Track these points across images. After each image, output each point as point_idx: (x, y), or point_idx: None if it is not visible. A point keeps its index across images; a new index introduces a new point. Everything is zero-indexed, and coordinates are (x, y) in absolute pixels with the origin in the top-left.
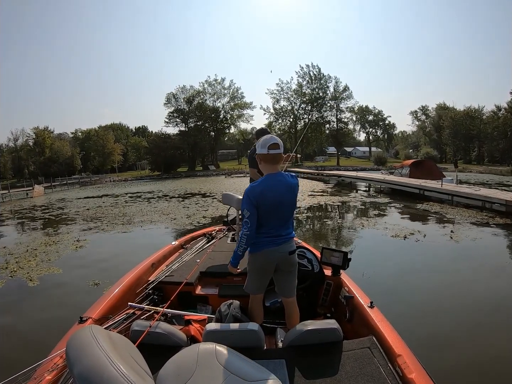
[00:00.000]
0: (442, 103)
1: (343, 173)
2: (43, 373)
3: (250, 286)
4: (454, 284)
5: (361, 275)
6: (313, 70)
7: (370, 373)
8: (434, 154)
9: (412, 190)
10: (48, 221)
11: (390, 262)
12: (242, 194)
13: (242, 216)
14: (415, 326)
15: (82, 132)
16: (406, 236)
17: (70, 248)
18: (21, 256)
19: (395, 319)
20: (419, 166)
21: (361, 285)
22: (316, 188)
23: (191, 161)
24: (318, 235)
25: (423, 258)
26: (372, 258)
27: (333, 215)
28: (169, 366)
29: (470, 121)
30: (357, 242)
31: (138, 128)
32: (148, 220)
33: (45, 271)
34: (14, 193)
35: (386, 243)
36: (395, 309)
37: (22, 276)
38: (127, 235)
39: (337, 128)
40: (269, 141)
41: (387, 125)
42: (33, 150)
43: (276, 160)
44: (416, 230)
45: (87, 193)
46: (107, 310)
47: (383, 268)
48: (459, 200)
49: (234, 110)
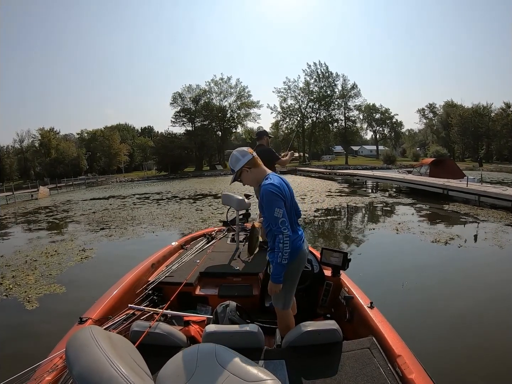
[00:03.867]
0: (450, 100)
1: (358, 172)
2: (43, 374)
3: (288, 300)
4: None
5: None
6: (321, 68)
7: (370, 373)
8: (444, 152)
9: (434, 190)
10: (52, 225)
11: (442, 274)
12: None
13: (273, 218)
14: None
15: (88, 133)
16: (447, 241)
17: (75, 259)
18: (18, 269)
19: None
20: (439, 165)
21: (361, 285)
22: (332, 189)
23: (198, 161)
24: (352, 240)
25: (475, 268)
26: (421, 270)
27: (361, 218)
28: (169, 367)
29: (478, 118)
30: (398, 250)
31: (144, 129)
32: (159, 225)
33: (46, 289)
34: (18, 194)
35: (429, 250)
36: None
37: (19, 296)
38: (138, 243)
39: (345, 127)
40: (243, 148)
41: (394, 123)
42: (39, 151)
43: (261, 161)
44: (453, 234)
45: (93, 195)
46: (107, 311)
47: (435, 283)
48: (485, 201)
49: (241, 109)
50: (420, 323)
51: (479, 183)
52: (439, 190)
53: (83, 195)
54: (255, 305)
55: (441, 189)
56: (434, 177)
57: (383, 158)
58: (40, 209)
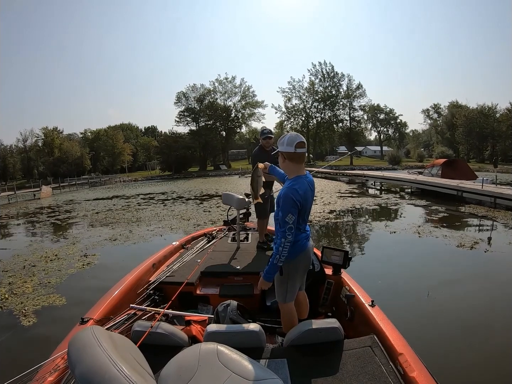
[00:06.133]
0: (455, 101)
1: (368, 173)
2: (45, 375)
3: (291, 294)
4: None
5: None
6: (326, 68)
7: (371, 371)
8: (449, 153)
9: (447, 191)
10: (53, 227)
11: (475, 285)
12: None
13: (283, 222)
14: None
15: (92, 132)
16: (472, 246)
17: (76, 265)
18: (16, 275)
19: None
20: (451, 165)
21: (362, 284)
22: (342, 189)
23: (202, 161)
24: (375, 245)
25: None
26: (453, 279)
27: (379, 221)
28: (171, 366)
29: (484, 119)
30: (426, 255)
31: (148, 128)
32: (167, 227)
33: (44, 300)
34: (21, 194)
35: (456, 257)
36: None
37: (15, 307)
38: (145, 248)
39: (350, 127)
40: (296, 139)
41: (399, 124)
42: (42, 151)
43: (302, 159)
44: (477, 238)
45: (96, 194)
46: (108, 311)
47: (473, 299)
48: (500, 202)
49: (245, 109)
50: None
51: (492, 185)
52: (453, 192)
53: (86, 195)
54: (256, 304)
55: (456, 190)
56: (446, 178)
57: (388, 159)
58: (42, 209)
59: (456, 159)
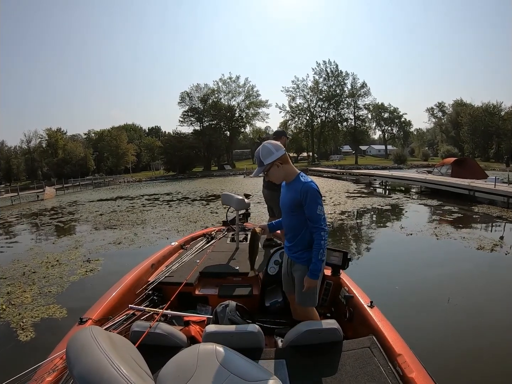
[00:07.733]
0: (459, 99)
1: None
2: (43, 375)
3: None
4: None
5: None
6: (330, 67)
7: (370, 372)
8: (455, 151)
9: (459, 190)
10: (55, 229)
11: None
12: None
13: (316, 215)
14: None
15: (95, 133)
16: (492, 248)
17: (78, 272)
18: (15, 283)
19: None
20: (461, 164)
21: (360, 285)
22: (350, 189)
23: (206, 161)
24: (394, 247)
25: None
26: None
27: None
28: (169, 367)
29: (489, 117)
30: (448, 259)
31: (151, 129)
32: (173, 229)
33: (43, 311)
34: (24, 195)
35: (478, 260)
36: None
37: (12, 319)
38: (151, 252)
39: (354, 126)
40: (276, 142)
41: (403, 123)
42: (46, 152)
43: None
44: (495, 239)
45: (100, 195)
46: (107, 311)
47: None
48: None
49: (249, 109)
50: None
51: (504, 184)
52: (465, 191)
53: (90, 195)
54: (255, 305)
55: (468, 190)
56: (456, 177)
57: (394, 158)
58: (45, 211)
59: (466, 157)
